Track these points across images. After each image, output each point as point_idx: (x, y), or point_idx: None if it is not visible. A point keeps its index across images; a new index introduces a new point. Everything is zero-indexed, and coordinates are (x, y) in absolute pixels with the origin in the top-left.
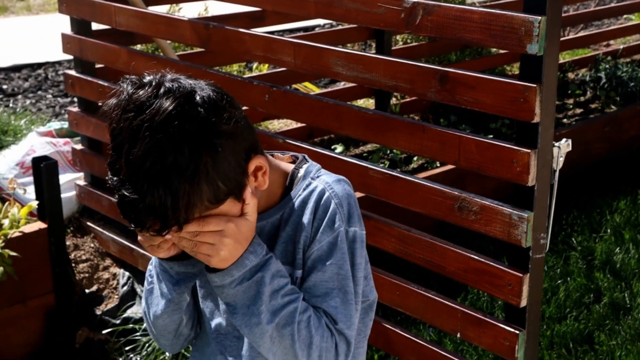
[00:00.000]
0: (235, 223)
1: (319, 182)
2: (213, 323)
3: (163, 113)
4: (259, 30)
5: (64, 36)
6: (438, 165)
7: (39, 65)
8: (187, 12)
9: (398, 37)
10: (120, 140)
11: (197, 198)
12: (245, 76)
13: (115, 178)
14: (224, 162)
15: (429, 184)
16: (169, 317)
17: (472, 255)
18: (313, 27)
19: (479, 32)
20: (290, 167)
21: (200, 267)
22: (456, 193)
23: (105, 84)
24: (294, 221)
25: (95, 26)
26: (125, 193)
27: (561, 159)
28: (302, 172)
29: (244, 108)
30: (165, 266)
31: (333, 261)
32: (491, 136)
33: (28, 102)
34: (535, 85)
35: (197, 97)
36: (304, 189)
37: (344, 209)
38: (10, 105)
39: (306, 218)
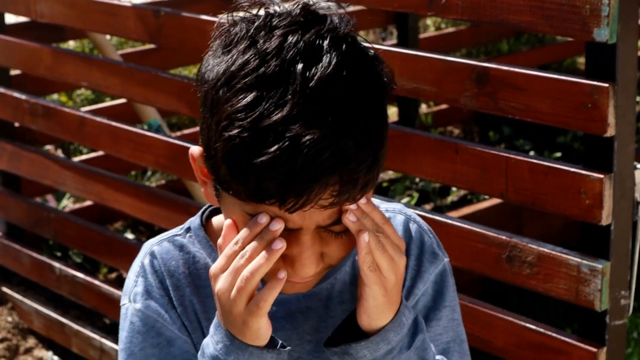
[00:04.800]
0: None
1: (390, 212)
2: None
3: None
4: None
5: None
6: (486, 197)
7: None
8: None
9: (428, 20)
10: (279, 61)
11: (383, 159)
12: None
13: (274, 118)
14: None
15: (466, 226)
16: None
17: (527, 325)
18: None
19: (529, 13)
20: None
21: None
22: (504, 238)
23: (24, 97)
24: None
25: (10, 19)
26: (297, 133)
27: None
28: None
29: None
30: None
31: (446, 303)
32: (559, 154)
33: None
34: (607, 85)
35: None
36: None
37: (434, 237)
38: None
39: None
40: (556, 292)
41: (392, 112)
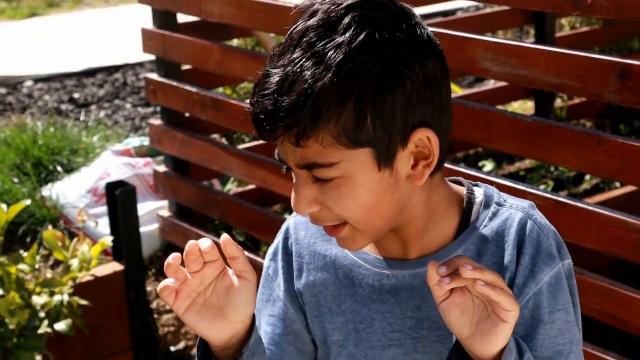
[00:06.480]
0: None
1: (513, 209)
2: None
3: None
4: None
5: (144, 32)
6: (618, 185)
7: (117, 68)
8: None
9: (563, 20)
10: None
11: (333, 110)
12: None
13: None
14: (391, 96)
15: (606, 212)
16: None
17: None
18: (454, 11)
19: None
20: (460, 189)
21: None
22: None
23: (194, 90)
24: (488, 260)
25: (181, 18)
26: (265, 73)
27: None
28: (480, 196)
29: None
30: None
31: (560, 307)
32: None
33: (103, 113)
34: None
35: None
36: (492, 218)
37: (552, 238)
38: (82, 117)
39: (508, 255)
40: None
41: (529, 106)
